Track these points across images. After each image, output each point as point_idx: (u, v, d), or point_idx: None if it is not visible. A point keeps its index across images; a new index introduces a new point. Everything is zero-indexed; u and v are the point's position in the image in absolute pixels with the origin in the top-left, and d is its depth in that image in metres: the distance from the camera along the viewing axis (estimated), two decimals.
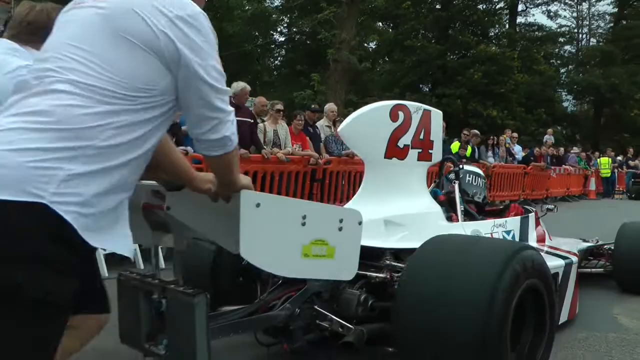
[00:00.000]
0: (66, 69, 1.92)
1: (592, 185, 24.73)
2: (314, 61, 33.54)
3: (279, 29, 43.07)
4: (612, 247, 6.92)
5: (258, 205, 2.66)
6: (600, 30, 51.28)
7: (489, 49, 34.04)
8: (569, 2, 47.84)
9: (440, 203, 5.25)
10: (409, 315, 3.44)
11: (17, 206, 1.68)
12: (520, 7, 43.72)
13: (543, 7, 45.46)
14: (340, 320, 3.72)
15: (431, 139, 4.88)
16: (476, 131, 17.71)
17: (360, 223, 3.17)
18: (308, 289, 3.71)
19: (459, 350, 3.24)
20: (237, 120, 5.62)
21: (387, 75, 35.96)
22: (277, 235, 2.82)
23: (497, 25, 39.60)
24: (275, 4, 40.19)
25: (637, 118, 42.67)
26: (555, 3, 45.99)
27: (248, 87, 10.01)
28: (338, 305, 3.85)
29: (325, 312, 3.75)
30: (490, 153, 18.08)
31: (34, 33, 2.85)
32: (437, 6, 35.65)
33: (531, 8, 45.07)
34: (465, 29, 35.76)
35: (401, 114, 4.61)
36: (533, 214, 6.12)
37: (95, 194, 1.83)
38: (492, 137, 19.08)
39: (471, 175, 6.27)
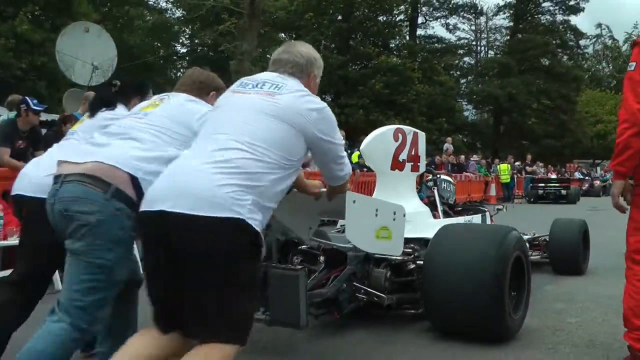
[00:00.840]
0: (241, 137, 2.86)
1: (493, 190, 25.22)
2: (216, 72, 33.11)
3: (180, 40, 42.65)
4: (547, 239, 8.18)
5: (354, 202, 4.02)
6: (498, 43, 53.01)
7: (390, 60, 34.53)
8: (467, 15, 49.22)
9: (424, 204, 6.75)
10: (435, 280, 4.65)
11: (229, 221, 2.63)
12: (420, 20, 44.73)
13: (442, 20, 46.62)
14: (376, 292, 4.82)
15: (419, 154, 6.19)
16: None
17: (404, 215, 4.51)
18: (347, 270, 4.67)
19: (472, 303, 4.45)
20: None
21: None
22: (364, 223, 4.18)
23: (397, 37, 40.16)
24: (177, 15, 39.77)
25: (535, 126, 44.22)
26: (454, 17, 47.24)
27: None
28: (369, 282, 4.91)
29: (362, 287, 4.82)
30: None
31: (202, 89, 3.68)
32: (339, 17, 35.82)
33: (431, 21, 46.18)
34: (366, 40, 36.13)
35: (400, 135, 5.90)
36: (487, 212, 7.63)
37: (262, 218, 2.82)
38: None
39: (445, 183, 7.85)
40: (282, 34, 39.42)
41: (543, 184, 27.67)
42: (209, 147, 2.84)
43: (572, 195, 25.95)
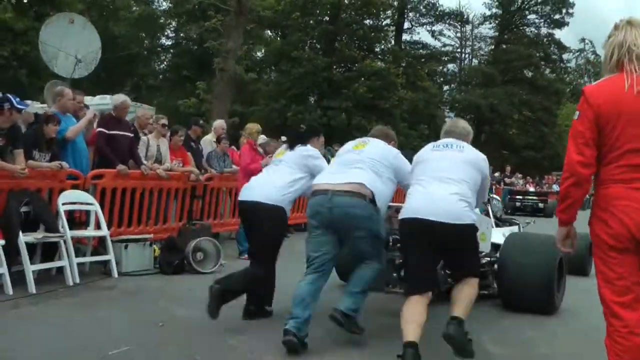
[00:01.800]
0: (456, 176, 4.86)
1: None
2: (200, 68, 33.02)
3: (166, 33, 42.37)
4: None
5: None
6: (482, 52, 53.20)
7: (374, 64, 34.41)
8: (453, 23, 49.32)
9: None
10: (509, 271, 6.67)
11: (469, 225, 4.75)
12: (406, 25, 44.73)
13: (428, 26, 46.68)
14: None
15: None
16: None
17: (492, 226, 7.31)
18: None
19: (534, 289, 6.52)
20: (117, 135, 8.40)
21: (273, 86, 35.67)
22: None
23: (383, 42, 40.07)
24: (163, 7, 39.49)
25: (515, 137, 44.46)
26: (439, 23, 47.34)
27: (129, 101, 9.43)
28: None
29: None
30: None
31: (388, 138, 5.88)
32: (325, 19, 35.69)
33: (416, 27, 46.20)
34: (351, 43, 35.96)
35: None
36: (520, 224, 9.60)
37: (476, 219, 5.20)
38: None
39: (494, 200, 10.22)
40: (268, 31, 39.31)
41: (521, 197, 27.92)
42: (443, 184, 4.79)
43: (549, 209, 25.99)
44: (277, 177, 5.74)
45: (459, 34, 52.51)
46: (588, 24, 66.48)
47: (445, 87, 52.15)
